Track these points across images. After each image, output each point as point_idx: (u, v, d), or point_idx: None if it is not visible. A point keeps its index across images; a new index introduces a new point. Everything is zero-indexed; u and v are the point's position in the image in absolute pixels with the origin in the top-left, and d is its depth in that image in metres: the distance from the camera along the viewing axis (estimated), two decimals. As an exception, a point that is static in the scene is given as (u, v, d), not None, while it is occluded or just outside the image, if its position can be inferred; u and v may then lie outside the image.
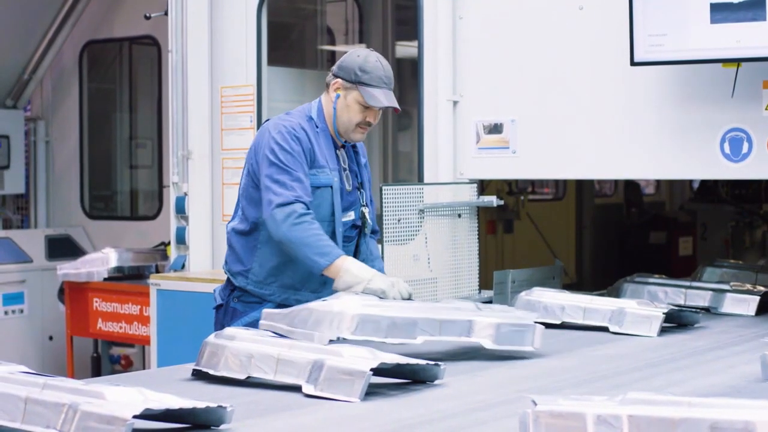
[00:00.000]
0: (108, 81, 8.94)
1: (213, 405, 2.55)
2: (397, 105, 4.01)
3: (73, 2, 8.34)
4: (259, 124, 5.92)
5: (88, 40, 8.61)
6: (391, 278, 3.85)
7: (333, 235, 4.00)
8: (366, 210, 4.15)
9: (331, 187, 4.01)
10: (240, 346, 3.19)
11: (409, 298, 3.77)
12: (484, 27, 5.33)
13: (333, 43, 8.19)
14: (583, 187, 9.20)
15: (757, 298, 4.90)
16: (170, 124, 6.26)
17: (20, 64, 8.53)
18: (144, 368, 7.56)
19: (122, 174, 8.86)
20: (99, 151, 8.84)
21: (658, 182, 10.80)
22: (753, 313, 4.84)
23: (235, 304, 4.08)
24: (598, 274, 9.02)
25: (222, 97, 6.19)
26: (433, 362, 3.19)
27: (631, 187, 10.26)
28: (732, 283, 5.13)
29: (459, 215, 5.26)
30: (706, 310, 4.89)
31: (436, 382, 3.22)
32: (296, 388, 3.03)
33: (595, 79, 5.04)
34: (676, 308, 4.49)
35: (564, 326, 4.42)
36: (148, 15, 6.71)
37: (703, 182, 9.75)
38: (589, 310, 4.40)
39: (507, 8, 5.27)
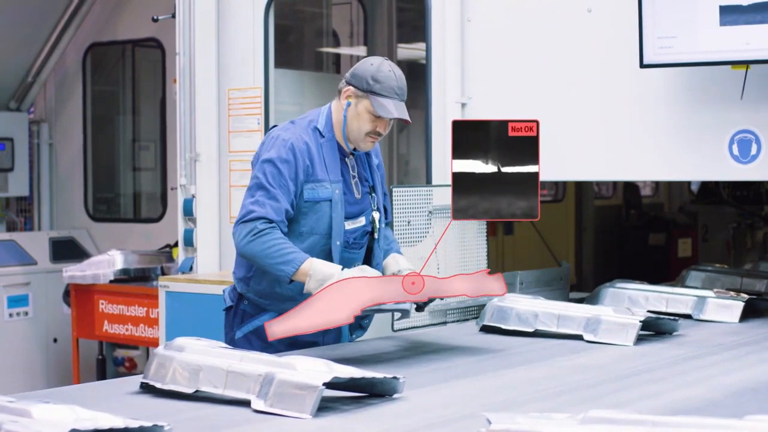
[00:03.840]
0: (111, 83, 8.94)
1: (147, 424, 2.34)
2: (407, 117, 3.96)
3: (76, 5, 8.35)
4: (267, 126, 5.92)
5: (92, 43, 8.62)
6: (360, 266, 3.80)
7: (330, 248, 3.94)
8: (377, 215, 4.09)
9: (330, 200, 3.95)
10: (189, 358, 3.03)
11: None
12: (492, 29, 5.32)
13: (338, 45, 8.19)
14: (582, 188, 9.20)
15: (741, 304, 4.69)
16: (178, 127, 6.25)
17: (24, 66, 8.54)
18: (149, 370, 7.55)
19: (125, 176, 8.86)
20: (102, 154, 8.84)
21: (657, 184, 10.80)
22: (737, 320, 4.64)
23: (245, 306, 4.04)
24: (598, 276, 9.01)
25: (229, 99, 6.17)
26: (391, 375, 3.04)
27: (630, 188, 10.26)
28: (715, 289, 4.96)
29: (467, 217, 5.27)
30: (688, 316, 4.70)
31: (395, 396, 3.06)
32: (246, 403, 2.87)
33: (603, 80, 5.03)
34: (654, 316, 4.28)
35: (538, 334, 4.26)
36: (155, 18, 6.69)
37: (704, 184, 9.76)
38: (564, 317, 4.23)
39: (515, 10, 5.26)
